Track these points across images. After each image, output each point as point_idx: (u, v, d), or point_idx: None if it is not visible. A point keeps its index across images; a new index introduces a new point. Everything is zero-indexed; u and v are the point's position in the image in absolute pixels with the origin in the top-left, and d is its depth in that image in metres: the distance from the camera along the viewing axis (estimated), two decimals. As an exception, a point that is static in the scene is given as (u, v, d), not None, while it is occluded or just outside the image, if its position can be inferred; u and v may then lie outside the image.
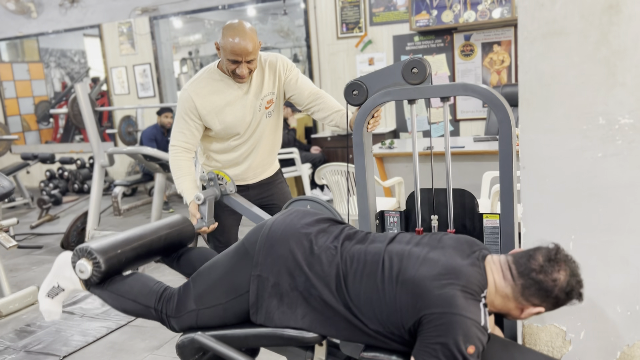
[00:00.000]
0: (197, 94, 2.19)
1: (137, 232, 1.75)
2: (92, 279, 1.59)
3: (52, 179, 7.94)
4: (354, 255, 1.45)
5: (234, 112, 2.21)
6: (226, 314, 1.50)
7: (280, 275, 1.45)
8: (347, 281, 1.40)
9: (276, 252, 1.48)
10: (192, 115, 2.20)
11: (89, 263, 1.57)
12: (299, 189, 6.03)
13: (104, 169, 4.72)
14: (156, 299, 1.61)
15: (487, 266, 1.38)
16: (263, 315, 1.45)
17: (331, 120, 2.24)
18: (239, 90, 2.22)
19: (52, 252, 4.72)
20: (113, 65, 7.58)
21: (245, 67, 2.11)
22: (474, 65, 5.56)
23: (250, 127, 2.27)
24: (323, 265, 1.44)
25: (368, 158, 2.01)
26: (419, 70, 1.85)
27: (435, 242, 1.46)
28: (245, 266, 1.50)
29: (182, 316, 1.55)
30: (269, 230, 1.54)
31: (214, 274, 1.55)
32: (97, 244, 1.61)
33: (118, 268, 1.65)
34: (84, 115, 4.52)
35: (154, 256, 1.80)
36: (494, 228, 1.95)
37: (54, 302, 1.70)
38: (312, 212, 1.65)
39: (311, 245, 1.49)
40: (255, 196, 2.40)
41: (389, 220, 2.13)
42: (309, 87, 2.29)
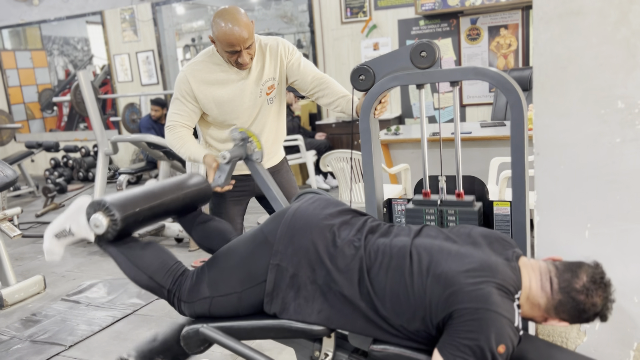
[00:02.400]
0: (194, 77, 2.13)
1: (156, 189, 1.65)
2: (107, 236, 1.52)
3: (57, 167, 7.92)
4: (378, 249, 1.40)
5: (232, 98, 2.15)
6: (241, 303, 1.46)
7: (300, 267, 1.41)
8: (371, 275, 1.36)
9: (297, 243, 1.43)
10: (188, 97, 2.15)
11: (105, 218, 1.49)
12: (303, 176, 5.99)
13: (108, 157, 4.68)
14: (173, 281, 1.56)
15: (523, 268, 1.32)
16: (278, 306, 1.42)
17: (337, 106, 2.19)
18: (238, 76, 2.16)
19: (57, 241, 4.71)
20: (116, 52, 7.52)
21: (246, 54, 2.05)
22: (480, 49, 5.47)
23: (251, 115, 2.21)
24: (346, 258, 1.40)
25: (375, 145, 1.97)
26: (428, 54, 1.80)
27: (465, 236, 1.41)
28: (263, 254, 1.45)
29: (194, 302, 1.51)
30: (290, 219, 1.49)
31: (230, 261, 1.51)
32: (115, 198, 1.52)
33: (134, 227, 1.58)
34: (86, 103, 4.47)
35: (170, 215, 1.74)
36: (505, 216, 1.90)
37: (59, 243, 1.63)
38: (334, 202, 1.60)
39: (334, 237, 1.44)
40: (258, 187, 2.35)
41: (396, 209, 2.09)
42: (313, 72, 2.22)
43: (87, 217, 1.53)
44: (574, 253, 1.40)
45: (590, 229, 1.39)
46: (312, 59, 6.23)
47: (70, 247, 4.44)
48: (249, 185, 2.33)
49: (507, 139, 3.81)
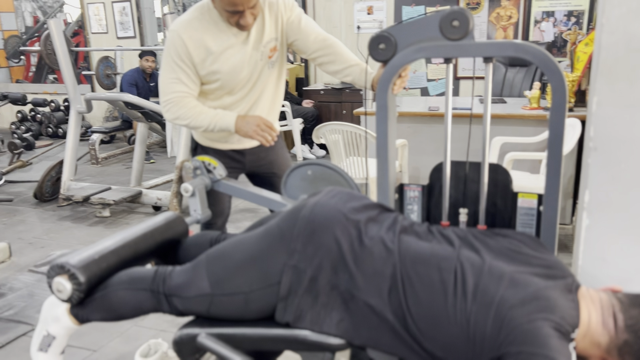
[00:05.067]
0: (189, 37, 1.84)
1: (118, 235, 1.51)
2: (74, 297, 1.34)
3: (24, 121, 7.49)
4: (416, 255, 1.19)
5: (230, 62, 1.88)
6: (248, 306, 1.25)
7: (321, 269, 1.21)
8: (406, 286, 1.16)
9: (318, 241, 1.22)
10: (186, 60, 1.86)
11: (64, 279, 1.32)
12: (288, 144, 5.75)
13: (81, 116, 4.35)
14: (150, 279, 1.35)
15: (582, 301, 1.14)
16: (292, 314, 1.21)
17: (347, 75, 1.93)
18: (237, 38, 1.88)
19: (25, 202, 4.41)
20: (90, 0, 7.02)
21: (249, 14, 1.78)
22: (479, 20, 5.24)
23: (249, 81, 1.95)
24: (375, 261, 1.19)
25: (392, 124, 1.75)
26: (461, 24, 1.57)
27: (514, 253, 1.21)
28: (278, 253, 1.24)
29: (191, 298, 1.30)
30: (310, 213, 1.27)
31: (237, 256, 1.29)
32: (78, 258, 1.36)
33: (101, 276, 1.38)
34: (58, 55, 4.11)
35: (145, 258, 1.54)
36: (530, 209, 1.73)
37: (49, 356, 1.42)
38: (357, 195, 1.38)
39: (360, 234, 1.23)
40: (251, 163, 2.12)
41: (408, 195, 1.89)
42: (315, 31, 1.94)
43: (48, 283, 1.35)
44: (627, 264, 1.23)
45: (648, 237, 1.23)
46: (302, 20, 5.90)
47: (38, 212, 4.15)
48: (240, 162, 2.10)
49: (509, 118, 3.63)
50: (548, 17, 5.00)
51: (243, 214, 3.89)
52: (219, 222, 2.20)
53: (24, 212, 4.17)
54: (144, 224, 1.63)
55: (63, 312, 1.41)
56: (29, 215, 4.09)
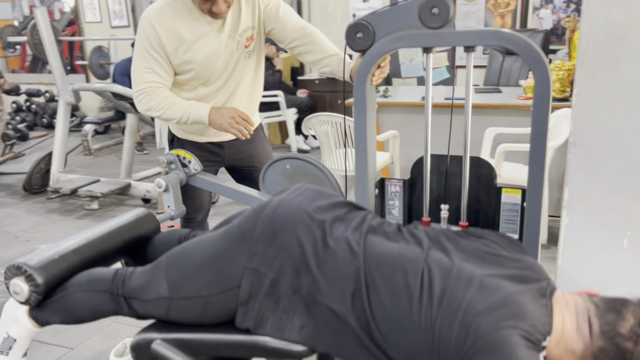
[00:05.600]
0: (161, 24, 1.77)
1: (83, 233, 1.45)
2: (32, 299, 1.28)
3: (19, 111, 7.43)
4: (381, 257, 1.12)
5: (205, 51, 1.82)
6: (206, 310, 1.19)
7: (283, 272, 1.14)
8: (370, 290, 1.09)
9: (280, 242, 1.15)
10: (159, 49, 1.79)
11: (22, 281, 1.27)
12: (283, 135, 5.68)
13: (70, 106, 4.29)
14: (109, 280, 1.30)
15: (556, 306, 1.06)
16: (252, 319, 1.15)
17: (325, 65, 1.86)
18: (212, 27, 1.82)
19: (15, 194, 4.36)
20: (82, -12, 6.93)
21: (222, 1, 1.71)
22: (476, 7, 5.13)
23: (225, 72, 1.88)
24: (338, 263, 1.12)
25: (370, 116, 1.68)
26: (441, 11, 1.49)
27: (487, 254, 1.14)
28: (238, 255, 1.17)
29: (149, 301, 1.24)
30: (272, 213, 1.19)
31: (196, 257, 1.22)
32: (36, 259, 1.30)
33: (62, 277, 1.32)
34: (45, 45, 4.04)
35: (112, 257, 1.48)
36: (514, 205, 1.67)
37: (9, 359, 1.36)
38: (326, 193, 1.31)
39: (324, 235, 1.16)
40: (230, 156, 2.06)
41: (389, 190, 1.83)
42: (294, 20, 1.87)
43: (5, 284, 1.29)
44: (607, 265, 1.17)
45: (630, 237, 1.16)
46: (297, 8, 5.80)
47: (27, 204, 4.11)
48: (218, 155, 2.04)
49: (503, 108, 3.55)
50: (547, 4, 4.89)
51: (232, 207, 3.83)
52: (198, 216, 2.15)
53: (13, 204, 4.12)
54: (111, 221, 1.57)
55: (23, 314, 1.36)
56: (17, 207, 4.04)
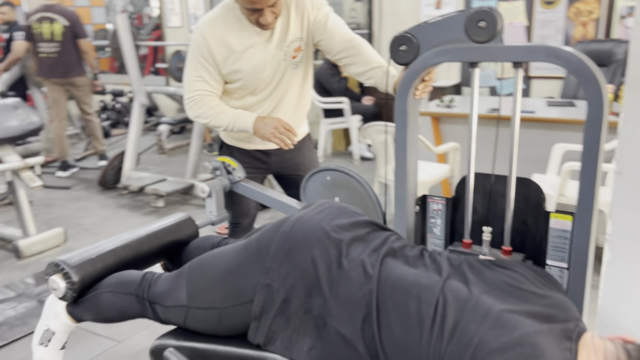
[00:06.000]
0: (212, 34, 1.82)
1: (122, 235, 1.52)
2: (68, 295, 1.36)
3: (105, 110, 7.91)
4: (396, 282, 1.08)
5: (252, 62, 1.84)
6: (221, 322, 1.21)
7: (294, 291, 1.13)
8: (381, 316, 1.06)
9: (294, 260, 1.14)
10: (209, 59, 1.84)
11: (59, 278, 1.35)
12: (346, 142, 5.67)
13: (144, 108, 4.51)
14: (137, 284, 1.34)
15: (582, 350, 0.97)
16: (263, 335, 1.15)
17: (369, 77, 1.83)
18: (260, 37, 1.84)
19: (91, 189, 4.65)
20: (167, -5, 7.28)
21: (269, 12, 1.73)
22: (556, 15, 4.87)
23: (272, 82, 1.90)
24: (351, 287, 1.09)
25: (412, 131, 1.63)
26: (488, 25, 1.43)
27: (511, 287, 1.07)
28: (254, 269, 1.18)
29: (169, 307, 1.28)
30: (289, 229, 1.18)
31: (215, 270, 1.24)
32: (74, 259, 1.38)
33: (97, 276, 1.39)
34: (123, 49, 4.28)
35: (150, 260, 1.53)
36: (563, 231, 1.55)
37: (49, 350, 1.44)
38: (349, 211, 1.28)
39: (340, 256, 1.14)
40: (276, 164, 2.08)
41: (431, 207, 1.77)
42: (341, 32, 1.85)
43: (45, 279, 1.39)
44: (653, 308, 1.06)
45: (680, 279, 1.04)
46: (367, 15, 5.78)
47: (100, 199, 4.36)
48: (265, 163, 2.06)
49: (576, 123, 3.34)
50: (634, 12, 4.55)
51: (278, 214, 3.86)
52: (244, 222, 2.18)
53: (87, 198, 4.39)
54: (152, 225, 1.63)
55: (61, 309, 1.43)
56: (91, 201, 4.30)
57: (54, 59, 4.86)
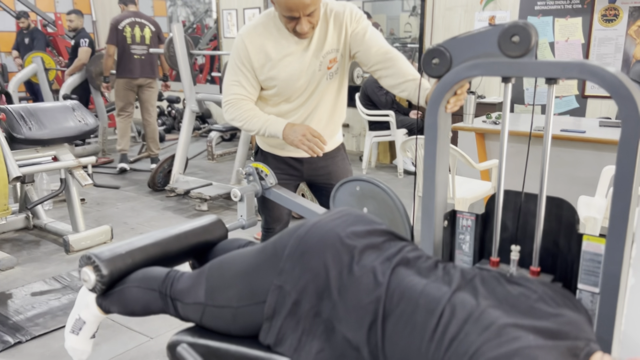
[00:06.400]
0: (251, 42, 1.89)
1: (154, 233, 1.58)
2: (97, 288, 1.43)
3: (161, 115, 8.20)
4: (405, 291, 1.08)
5: (288, 70, 1.89)
6: (235, 320, 1.23)
7: (305, 293, 1.14)
8: (387, 324, 1.06)
9: (306, 264, 1.16)
10: (247, 65, 1.91)
11: (90, 270, 1.42)
12: (392, 155, 5.64)
13: (194, 114, 4.66)
14: (161, 280, 1.39)
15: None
16: (274, 336, 1.17)
17: (402, 90, 1.84)
18: (298, 46, 1.89)
19: (140, 190, 4.83)
20: (225, 7, 7.52)
21: (306, 21, 1.77)
22: (615, 33, 4.70)
23: (307, 91, 1.94)
24: (360, 292, 1.10)
25: (442, 145, 1.62)
26: (521, 40, 1.40)
27: (521, 303, 1.04)
28: (268, 271, 1.20)
29: (189, 305, 1.32)
30: (304, 234, 1.21)
31: (232, 270, 1.28)
32: (105, 253, 1.45)
33: (126, 271, 1.45)
34: (178, 57, 4.44)
35: (177, 258, 1.58)
36: (596, 255, 1.49)
37: (79, 338, 1.52)
38: (367, 219, 1.28)
39: (351, 262, 1.14)
40: (309, 172, 2.11)
41: (461, 223, 1.74)
42: (378, 44, 1.88)
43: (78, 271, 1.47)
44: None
45: None
46: (419, 29, 5.76)
47: (148, 200, 4.52)
48: (297, 170, 2.09)
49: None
50: (702, 31, 4.33)
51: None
52: (277, 227, 2.21)
53: (136, 199, 4.56)
54: (183, 225, 1.68)
55: (92, 300, 1.50)
56: (139, 202, 4.47)
57: (143, 60, 5.33)
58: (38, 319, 2.53)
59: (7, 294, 2.82)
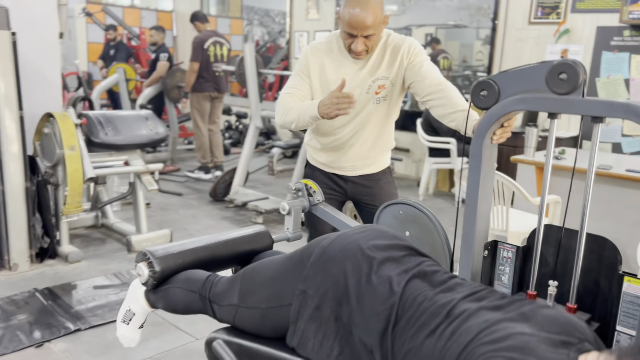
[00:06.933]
0: (313, 54, 2.05)
1: (205, 238, 1.69)
2: (149, 282, 1.55)
3: (229, 129, 8.54)
4: (416, 298, 1.16)
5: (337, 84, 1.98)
6: (263, 321, 1.33)
7: (326, 299, 1.23)
8: (396, 328, 1.13)
9: (328, 271, 1.25)
10: (305, 72, 2.06)
11: (145, 265, 1.54)
12: (451, 183, 5.59)
13: (258, 130, 4.85)
14: (201, 283, 1.50)
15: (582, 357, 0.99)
16: (298, 339, 1.25)
17: (452, 120, 1.89)
18: (353, 66, 2.01)
19: (202, 199, 5.05)
20: (297, 28, 7.77)
21: (362, 42, 1.89)
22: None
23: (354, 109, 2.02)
24: (376, 300, 1.17)
25: (486, 175, 1.65)
26: (569, 77, 1.43)
27: (523, 314, 1.10)
28: (294, 276, 1.30)
29: (224, 306, 1.43)
30: (329, 244, 1.31)
31: (262, 274, 1.39)
32: (160, 252, 1.57)
33: (176, 270, 1.57)
34: (247, 75, 4.65)
35: (223, 263, 1.69)
36: (637, 298, 1.47)
37: (129, 328, 1.65)
38: (391, 235, 1.36)
39: (370, 272, 1.22)
40: (353, 190, 2.19)
41: (501, 254, 1.75)
42: (433, 76, 1.96)
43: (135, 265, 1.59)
44: None
45: None
46: (489, 59, 5.72)
47: (208, 209, 4.73)
48: (342, 188, 2.19)
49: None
50: None
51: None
52: (322, 243, 2.29)
53: (197, 207, 4.78)
54: (232, 232, 1.79)
55: (141, 294, 1.63)
56: (200, 210, 4.68)
57: (221, 76, 5.79)
58: (97, 310, 2.73)
59: (72, 284, 3.04)
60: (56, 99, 3.68)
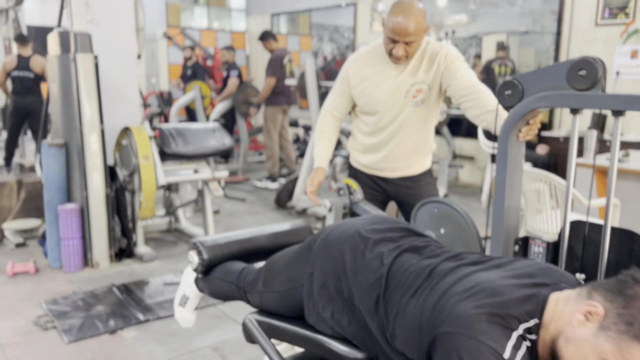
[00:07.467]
0: (354, 63, 2.20)
1: (250, 230, 1.86)
2: (199, 269, 1.73)
3: (297, 141, 8.81)
4: (402, 266, 1.27)
5: (380, 89, 2.15)
6: (282, 303, 1.48)
7: (328, 276, 1.36)
8: (386, 295, 1.24)
9: (329, 252, 1.39)
10: (345, 82, 2.22)
11: (195, 253, 1.73)
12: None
13: (320, 140, 5.02)
14: (238, 275, 1.67)
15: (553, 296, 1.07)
16: (314, 316, 1.39)
17: (483, 120, 1.96)
18: (393, 71, 2.14)
19: (267, 205, 5.29)
20: (361, 41, 7.93)
21: (402, 48, 2.01)
22: None
23: (392, 111, 2.17)
24: (368, 273, 1.30)
25: (512, 172, 1.70)
26: (588, 73, 1.48)
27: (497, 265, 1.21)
28: (304, 261, 1.45)
29: (253, 293, 1.59)
30: (331, 230, 1.45)
31: (280, 262, 1.55)
32: (209, 242, 1.76)
33: (223, 258, 1.75)
34: (308, 88, 4.85)
35: (264, 255, 1.84)
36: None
37: (185, 310, 1.85)
38: (391, 220, 1.49)
39: (364, 249, 1.35)
40: (393, 191, 2.30)
41: (532, 250, 1.80)
42: (468, 80, 2.04)
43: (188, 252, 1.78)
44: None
45: None
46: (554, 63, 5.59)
47: (272, 214, 4.95)
48: (382, 188, 2.31)
49: None
50: None
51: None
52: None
53: (263, 213, 5.01)
54: (275, 226, 1.94)
55: (192, 281, 1.83)
56: (264, 216, 4.91)
57: (292, 90, 6.17)
58: (165, 304, 2.98)
59: (145, 281, 3.33)
60: (134, 115, 4.04)
